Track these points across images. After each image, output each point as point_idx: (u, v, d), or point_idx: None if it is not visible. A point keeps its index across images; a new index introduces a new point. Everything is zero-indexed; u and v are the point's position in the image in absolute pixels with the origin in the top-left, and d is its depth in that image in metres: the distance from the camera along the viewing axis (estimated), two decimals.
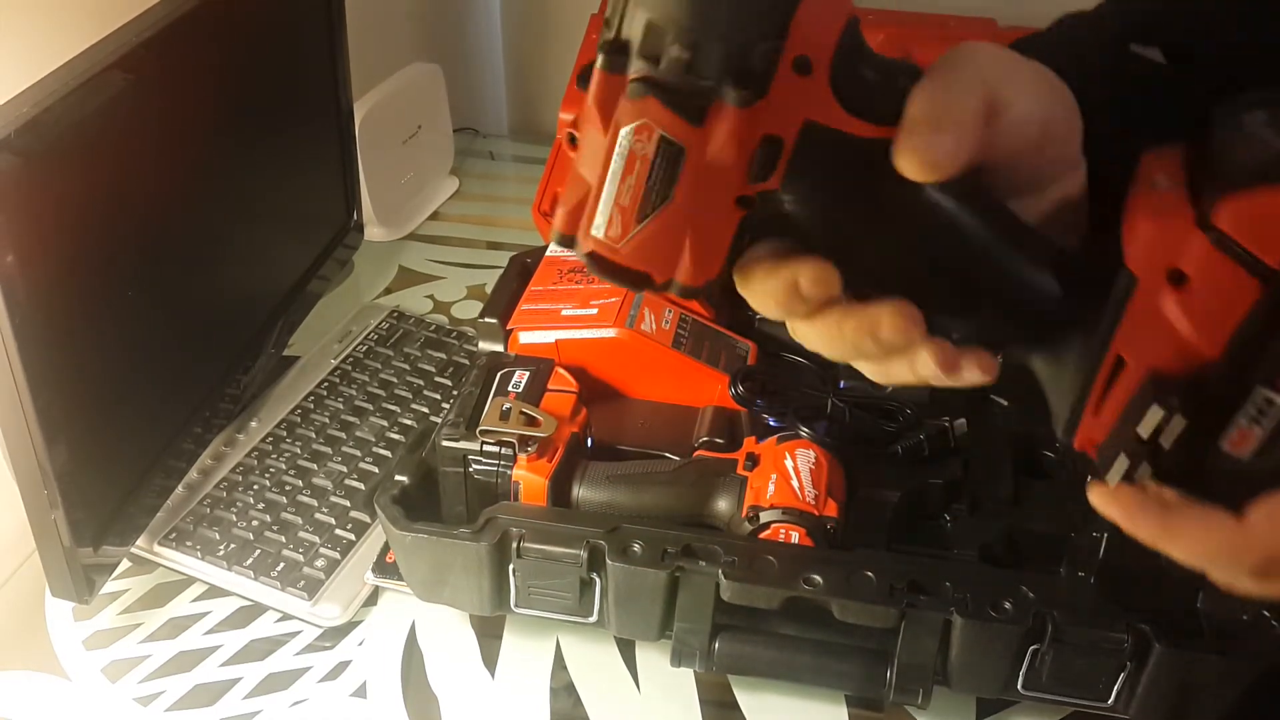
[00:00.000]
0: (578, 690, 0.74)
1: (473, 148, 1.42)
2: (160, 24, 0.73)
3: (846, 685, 0.72)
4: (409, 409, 0.95)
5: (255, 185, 0.92)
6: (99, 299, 0.71)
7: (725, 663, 0.70)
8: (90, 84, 0.67)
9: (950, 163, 0.37)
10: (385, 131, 1.17)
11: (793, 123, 0.37)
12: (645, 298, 0.87)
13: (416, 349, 1.03)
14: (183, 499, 0.85)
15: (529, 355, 0.84)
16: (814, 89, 0.37)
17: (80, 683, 0.75)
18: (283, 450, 0.90)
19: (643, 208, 0.37)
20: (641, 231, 0.38)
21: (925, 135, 0.37)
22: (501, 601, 0.72)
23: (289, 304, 0.99)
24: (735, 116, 0.36)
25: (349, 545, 0.82)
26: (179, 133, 0.81)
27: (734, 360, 0.87)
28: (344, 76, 1.03)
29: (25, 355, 0.62)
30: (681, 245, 0.38)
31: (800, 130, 0.37)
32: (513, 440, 0.73)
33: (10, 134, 0.60)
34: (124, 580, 0.82)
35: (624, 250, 0.38)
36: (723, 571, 0.66)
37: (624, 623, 0.71)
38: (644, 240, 0.38)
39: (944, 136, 0.37)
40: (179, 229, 0.82)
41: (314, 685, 0.75)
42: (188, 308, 0.84)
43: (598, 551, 0.68)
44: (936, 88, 0.38)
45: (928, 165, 0.37)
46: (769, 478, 0.72)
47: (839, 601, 0.65)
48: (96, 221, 0.71)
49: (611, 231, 0.38)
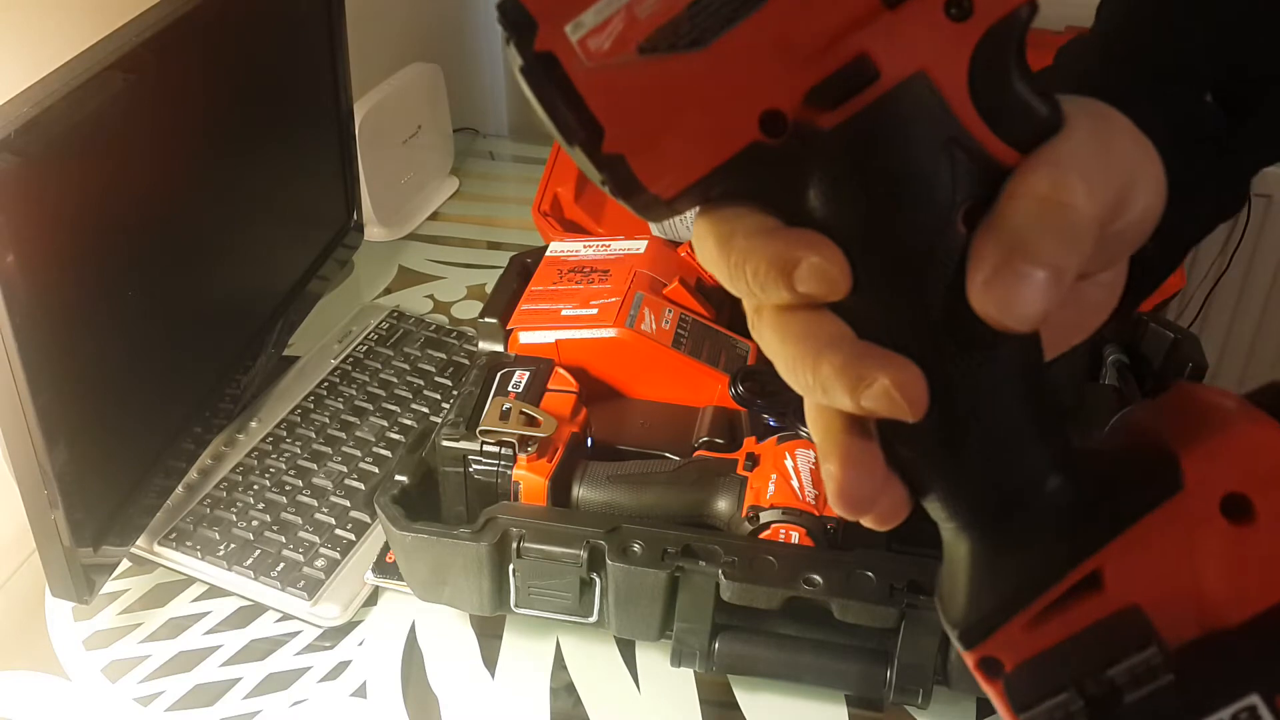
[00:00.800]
0: (578, 690, 0.74)
1: (473, 148, 1.42)
2: (160, 24, 0.73)
3: (846, 685, 0.72)
4: (409, 409, 0.95)
5: (255, 185, 0.92)
6: (99, 299, 0.71)
7: (725, 663, 0.71)
8: (90, 84, 0.67)
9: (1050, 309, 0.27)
10: (385, 131, 1.17)
11: (904, 62, 0.27)
12: (645, 298, 0.87)
13: (416, 349, 1.03)
14: (183, 499, 0.85)
15: (529, 355, 0.84)
16: (955, 42, 0.27)
17: (80, 683, 0.75)
18: (283, 450, 0.90)
19: (659, 36, 0.26)
20: (635, 65, 0.26)
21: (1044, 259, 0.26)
22: (501, 601, 0.72)
23: (289, 304, 0.99)
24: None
25: (349, 545, 0.82)
26: (179, 133, 0.81)
27: (734, 360, 0.87)
28: (344, 76, 1.03)
29: (25, 355, 0.62)
30: (670, 119, 0.27)
31: (905, 80, 0.27)
32: (513, 440, 0.73)
33: (10, 134, 0.60)
34: (124, 580, 0.82)
35: (591, 74, 0.27)
36: (723, 571, 0.66)
37: (624, 623, 0.71)
38: (631, 80, 0.27)
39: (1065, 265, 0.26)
40: (179, 229, 0.82)
41: (314, 685, 0.75)
42: (188, 308, 0.84)
43: (598, 551, 0.68)
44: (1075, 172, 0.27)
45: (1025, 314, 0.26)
46: (769, 478, 0.72)
47: (839, 601, 0.65)
48: (96, 222, 0.71)
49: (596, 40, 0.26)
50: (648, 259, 0.92)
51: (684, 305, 0.89)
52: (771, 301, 0.28)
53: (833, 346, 0.28)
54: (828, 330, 0.28)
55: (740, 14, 0.26)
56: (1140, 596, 0.29)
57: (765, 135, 0.27)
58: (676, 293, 0.90)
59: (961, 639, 0.31)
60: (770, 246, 0.27)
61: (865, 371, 0.27)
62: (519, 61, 0.27)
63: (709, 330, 0.88)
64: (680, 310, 0.88)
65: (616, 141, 0.27)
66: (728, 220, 0.28)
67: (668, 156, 0.27)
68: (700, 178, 0.28)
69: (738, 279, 0.28)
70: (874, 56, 0.26)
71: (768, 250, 0.27)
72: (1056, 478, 0.29)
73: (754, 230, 0.28)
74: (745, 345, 0.89)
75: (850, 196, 0.27)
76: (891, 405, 0.27)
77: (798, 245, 0.27)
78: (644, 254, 0.93)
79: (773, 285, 0.27)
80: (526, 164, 1.39)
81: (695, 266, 0.95)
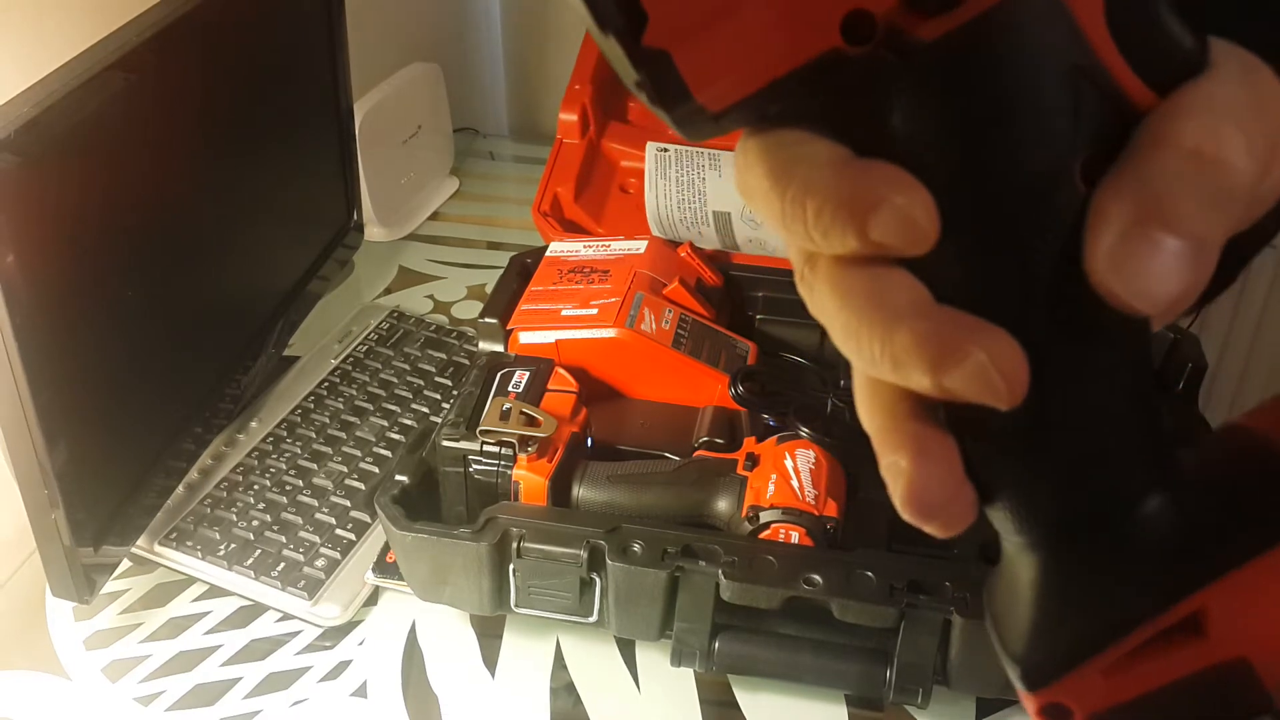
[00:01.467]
0: (578, 690, 0.74)
1: (473, 148, 1.42)
2: (160, 24, 0.73)
3: (846, 685, 0.72)
4: (409, 409, 0.95)
5: (255, 185, 0.92)
6: (99, 299, 0.71)
7: (725, 663, 0.71)
8: (90, 84, 0.67)
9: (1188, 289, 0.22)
10: (385, 131, 1.17)
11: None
12: (645, 298, 0.87)
13: (416, 349, 1.03)
14: (183, 499, 0.85)
15: (529, 355, 0.84)
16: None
17: (80, 683, 0.75)
18: (283, 450, 0.90)
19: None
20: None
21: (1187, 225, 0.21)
22: (501, 601, 0.72)
23: (289, 304, 0.99)
24: None
25: (349, 545, 0.82)
26: (179, 133, 0.81)
27: (734, 360, 0.87)
28: (344, 76, 1.03)
29: (25, 355, 0.62)
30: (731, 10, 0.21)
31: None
32: (513, 440, 0.73)
33: (10, 134, 0.60)
34: (124, 580, 0.82)
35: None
36: (723, 571, 0.66)
37: (624, 623, 0.71)
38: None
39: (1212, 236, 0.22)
40: (179, 229, 0.82)
41: (314, 685, 0.75)
42: (188, 308, 0.84)
43: (598, 551, 0.68)
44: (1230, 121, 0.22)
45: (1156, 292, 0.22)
46: (769, 478, 0.72)
47: (839, 601, 0.65)
48: (96, 221, 0.71)
49: None
50: (648, 259, 0.92)
51: (684, 305, 0.89)
52: (833, 250, 0.23)
53: (912, 311, 0.22)
54: (904, 290, 0.23)
55: None
56: (1250, 649, 0.24)
57: (847, 41, 0.22)
58: (676, 293, 0.90)
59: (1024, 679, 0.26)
60: (841, 182, 0.22)
61: (955, 343, 0.22)
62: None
63: (709, 330, 0.88)
64: (680, 310, 0.88)
65: (662, 32, 0.21)
66: (787, 145, 0.23)
67: (723, 57, 0.22)
68: (760, 88, 0.22)
69: (793, 219, 0.23)
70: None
71: (838, 186, 0.22)
72: (1156, 497, 0.25)
73: (821, 160, 0.22)
74: (745, 345, 0.89)
75: (946, 129, 0.22)
76: (985, 387, 0.22)
77: (877, 183, 0.22)
78: (644, 254, 0.93)
79: (839, 230, 0.22)
80: (526, 164, 1.39)
81: (695, 266, 0.95)
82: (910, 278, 0.23)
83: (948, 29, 0.21)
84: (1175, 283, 0.21)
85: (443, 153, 1.32)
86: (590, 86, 1.15)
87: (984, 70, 0.22)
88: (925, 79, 0.22)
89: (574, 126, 1.15)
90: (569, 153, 1.14)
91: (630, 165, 1.15)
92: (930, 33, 0.21)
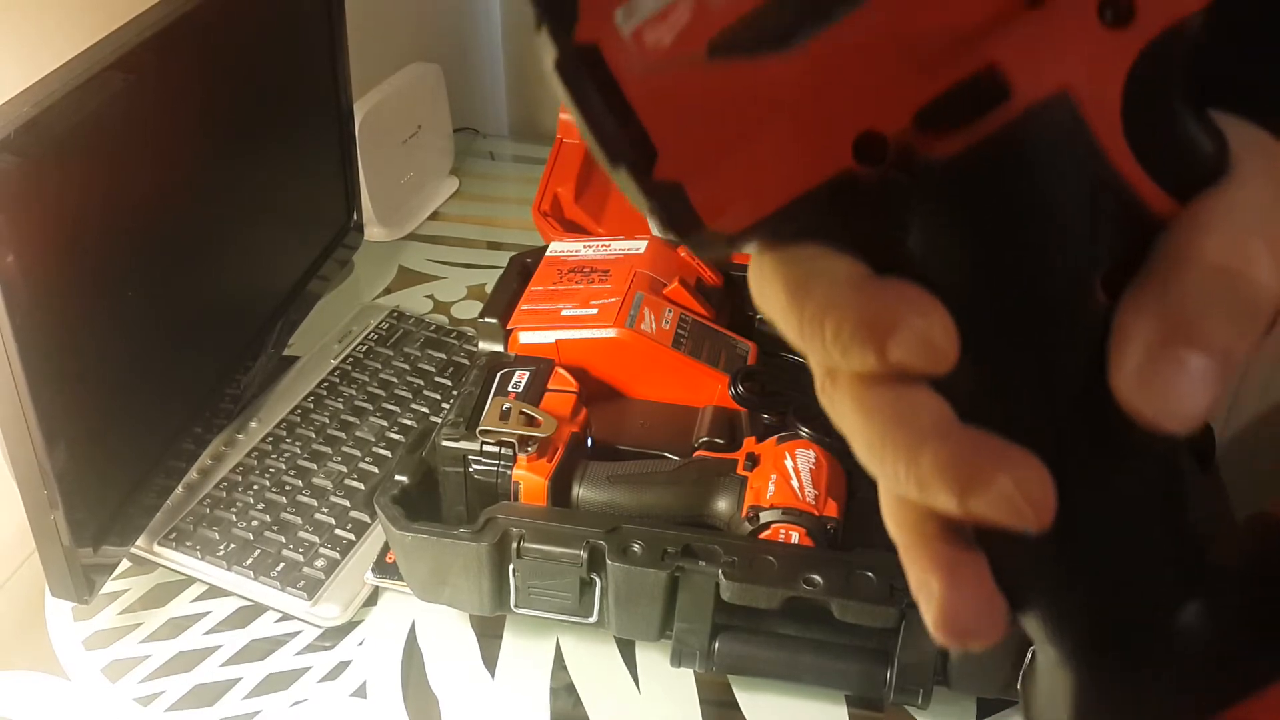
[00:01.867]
0: (578, 690, 0.74)
1: (473, 148, 1.42)
2: (160, 24, 0.73)
3: (846, 685, 0.72)
4: (409, 409, 0.95)
5: (255, 185, 0.92)
6: (99, 299, 0.71)
7: (725, 663, 0.71)
8: (90, 84, 0.67)
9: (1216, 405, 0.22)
10: (385, 131, 1.17)
11: (1043, 77, 0.21)
12: (645, 298, 0.87)
13: (416, 349, 1.03)
14: (182, 499, 0.85)
15: (529, 355, 0.84)
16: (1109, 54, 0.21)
17: (80, 683, 0.75)
18: (283, 450, 0.90)
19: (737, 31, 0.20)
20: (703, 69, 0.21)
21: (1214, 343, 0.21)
22: (501, 601, 0.72)
23: (289, 304, 0.99)
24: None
25: (349, 545, 0.82)
26: (179, 133, 0.81)
27: (734, 360, 0.87)
28: (344, 76, 1.03)
29: (25, 355, 0.62)
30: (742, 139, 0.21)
31: (1043, 101, 0.21)
32: (513, 440, 0.73)
33: (10, 134, 0.60)
34: (124, 580, 0.82)
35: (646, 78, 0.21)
36: (723, 571, 0.66)
37: (624, 623, 0.71)
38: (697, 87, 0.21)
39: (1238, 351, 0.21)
40: (179, 229, 0.82)
41: (314, 685, 0.75)
42: (188, 308, 0.84)
43: (598, 551, 0.68)
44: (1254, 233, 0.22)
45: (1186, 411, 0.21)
46: (769, 478, 0.72)
47: (839, 601, 0.65)
48: (96, 221, 0.71)
49: (655, 33, 0.21)
50: (648, 259, 0.92)
51: (684, 305, 0.89)
52: (853, 368, 0.23)
53: (936, 433, 0.22)
54: (927, 411, 0.22)
55: (843, 6, 0.20)
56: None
57: (860, 162, 0.21)
58: (676, 293, 0.90)
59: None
60: (859, 301, 0.22)
61: (980, 468, 0.21)
62: (552, 54, 0.21)
63: (709, 330, 0.88)
64: (680, 310, 0.88)
65: (673, 165, 0.21)
66: (803, 263, 0.23)
67: (735, 185, 0.22)
68: (773, 212, 0.22)
69: (812, 337, 0.22)
70: (1005, 68, 0.21)
71: (856, 306, 0.22)
72: (1190, 607, 0.24)
73: (837, 279, 0.22)
74: (745, 345, 0.89)
75: (963, 247, 0.22)
76: (1012, 513, 0.21)
77: (895, 303, 0.22)
78: (644, 254, 0.93)
79: (859, 350, 0.22)
80: (526, 164, 1.39)
81: (695, 266, 0.95)
82: (933, 395, 0.22)
83: (960, 148, 0.21)
84: (1203, 400, 0.21)
85: (443, 153, 1.32)
86: None
87: (999, 188, 0.21)
88: (939, 198, 0.22)
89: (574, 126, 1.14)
90: (569, 153, 1.14)
91: None
92: (943, 151, 0.21)
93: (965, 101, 0.21)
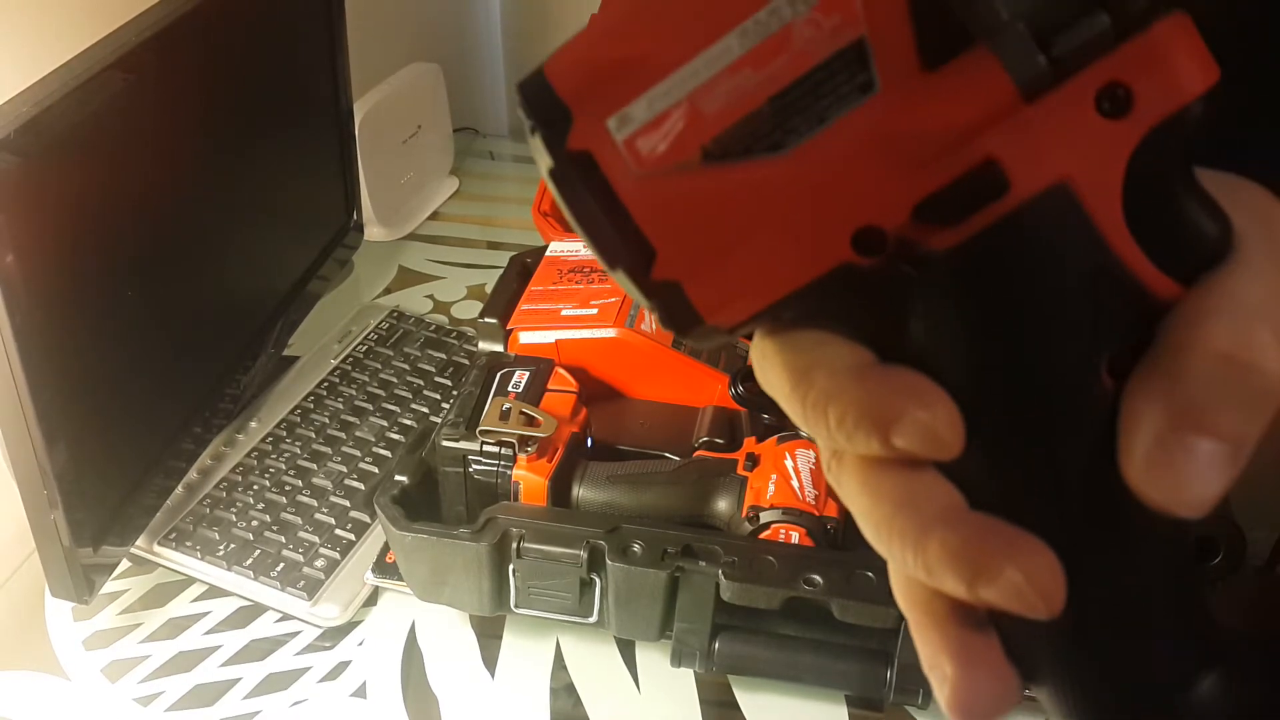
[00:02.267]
0: (578, 690, 0.74)
1: (473, 148, 1.42)
2: (160, 24, 0.73)
3: (846, 685, 0.72)
4: (409, 409, 0.95)
5: (255, 185, 0.92)
6: (99, 299, 0.71)
7: (725, 663, 0.70)
8: (90, 84, 0.67)
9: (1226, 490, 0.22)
10: (385, 131, 1.17)
11: (1042, 169, 0.21)
12: None
13: (416, 349, 1.03)
14: (182, 499, 0.85)
15: (529, 355, 0.84)
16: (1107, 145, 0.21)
17: (80, 683, 0.75)
18: (282, 450, 0.90)
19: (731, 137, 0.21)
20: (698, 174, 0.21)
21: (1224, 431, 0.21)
22: (501, 601, 0.72)
23: (289, 304, 0.99)
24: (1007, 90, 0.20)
25: (349, 545, 0.82)
26: (179, 133, 0.81)
27: (734, 360, 0.87)
28: (344, 76, 1.03)
29: (25, 355, 0.62)
30: (739, 239, 0.22)
31: (1042, 193, 0.21)
32: (513, 440, 0.73)
33: (10, 134, 0.60)
34: (124, 580, 0.82)
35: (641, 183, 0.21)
36: (723, 571, 0.66)
37: (624, 623, 0.71)
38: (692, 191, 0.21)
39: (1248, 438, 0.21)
40: (179, 229, 0.82)
41: (314, 685, 0.75)
42: (188, 307, 0.84)
43: (598, 552, 0.68)
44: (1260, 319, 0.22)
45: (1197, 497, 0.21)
46: (769, 478, 0.72)
47: (839, 601, 0.65)
48: (96, 221, 0.71)
49: (649, 140, 0.21)
50: None
51: None
52: (858, 452, 0.23)
53: (943, 520, 0.22)
54: (934, 496, 0.22)
55: (836, 109, 0.20)
56: None
57: (859, 255, 0.21)
58: None
59: None
60: (861, 392, 0.22)
61: (988, 558, 0.21)
62: (547, 161, 0.21)
63: None
64: None
65: (670, 266, 0.22)
66: (804, 350, 0.23)
67: (733, 282, 0.22)
68: (771, 304, 0.22)
69: (816, 424, 0.23)
70: (1004, 163, 0.21)
71: (858, 396, 0.22)
72: (1204, 679, 0.24)
73: (839, 368, 0.22)
74: (745, 345, 0.89)
75: (965, 336, 0.22)
76: (1021, 601, 0.21)
77: (898, 393, 0.22)
78: None
79: (863, 438, 0.22)
80: (526, 164, 1.39)
81: None
82: (941, 480, 0.23)
83: (961, 239, 0.21)
84: (1214, 486, 0.21)
85: (443, 153, 1.32)
86: None
87: (999, 279, 0.22)
88: (941, 288, 0.22)
89: None
90: None
91: None
92: (942, 243, 0.21)
93: (964, 196, 0.21)
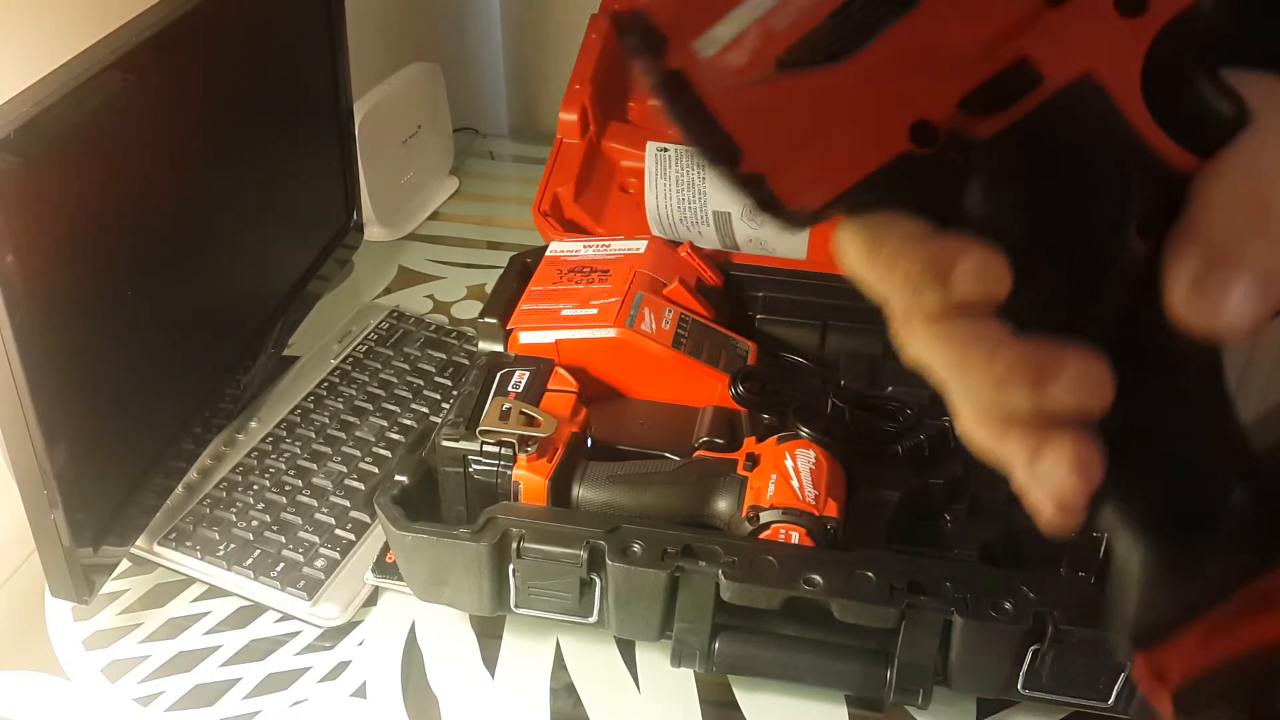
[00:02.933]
0: (578, 690, 0.74)
1: (473, 148, 1.42)
2: (160, 24, 0.73)
3: (846, 685, 0.72)
4: (409, 409, 0.95)
5: (255, 185, 0.92)
6: (99, 299, 0.71)
7: (725, 663, 0.70)
8: (90, 84, 0.67)
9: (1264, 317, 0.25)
10: (385, 131, 1.17)
11: (1070, 63, 0.25)
12: (645, 298, 0.87)
13: (416, 349, 1.03)
14: (182, 499, 0.85)
15: (529, 355, 0.84)
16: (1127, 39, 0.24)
17: (80, 683, 0.75)
18: (282, 450, 0.90)
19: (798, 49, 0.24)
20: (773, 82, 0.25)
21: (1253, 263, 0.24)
22: (501, 602, 0.72)
23: (289, 304, 0.99)
24: None
25: (349, 545, 0.82)
26: (178, 133, 0.81)
27: (734, 360, 0.86)
28: (344, 76, 1.03)
29: (25, 355, 0.62)
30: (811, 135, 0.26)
31: (1071, 83, 0.25)
32: (513, 440, 0.73)
33: (10, 134, 0.60)
34: (124, 580, 0.82)
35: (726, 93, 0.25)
36: (723, 571, 0.66)
37: (624, 623, 0.71)
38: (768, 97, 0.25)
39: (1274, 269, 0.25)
40: (179, 229, 0.82)
41: (314, 685, 0.75)
42: (187, 307, 0.84)
43: (598, 552, 0.68)
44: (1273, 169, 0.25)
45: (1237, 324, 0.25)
46: (769, 478, 0.72)
47: (839, 601, 0.65)
48: (96, 221, 0.71)
49: (731, 55, 0.25)
50: (648, 259, 0.92)
51: (684, 305, 0.89)
52: (925, 307, 0.27)
53: (1006, 341, 0.26)
54: (995, 329, 0.27)
55: (886, 20, 0.24)
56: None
57: (916, 145, 0.26)
58: (676, 293, 0.90)
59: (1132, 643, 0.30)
60: (924, 248, 0.26)
61: (1049, 361, 0.26)
62: (650, 78, 0.25)
63: (709, 330, 0.88)
64: (680, 310, 0.88)
65: (755, 161, 0.26)
66: (875, 227, 0.27)
67: (809, 172, 0.26)
68: (843, 191, 0.27)
69: (888, 281, 0.27)
70: (1036, 59, 0.24)
71: (921, 252, 0.26)
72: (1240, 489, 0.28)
73: (905, 234, 0.27)
74: (745, 345, 0.89)
75: (1011, 210, 0.26)
76: (1084, 391, 0.25)
77: (953, 248, 0.26)
78: (644, 254, 0.93)
79: (927, 287, 0.26)
80: (526, 164, 1.39)
81: (695, 266, 0.95)
82: (998, 323, 0.27)
83: (1001, 127, 0.25)
84: (1248, 311, 0.24)
85: (443, 153, 1.32)
86: (590, 86, 1.15)
87: (1035, 159, 0.26)
88: (985, 170, 0.26)
89: (574, 126, 1.15)
90: (569, 153, 1.14)
91: (630, 165, 1.15)
92: (986, 131, 0.25)
93: (1002, 90, 0.25)
